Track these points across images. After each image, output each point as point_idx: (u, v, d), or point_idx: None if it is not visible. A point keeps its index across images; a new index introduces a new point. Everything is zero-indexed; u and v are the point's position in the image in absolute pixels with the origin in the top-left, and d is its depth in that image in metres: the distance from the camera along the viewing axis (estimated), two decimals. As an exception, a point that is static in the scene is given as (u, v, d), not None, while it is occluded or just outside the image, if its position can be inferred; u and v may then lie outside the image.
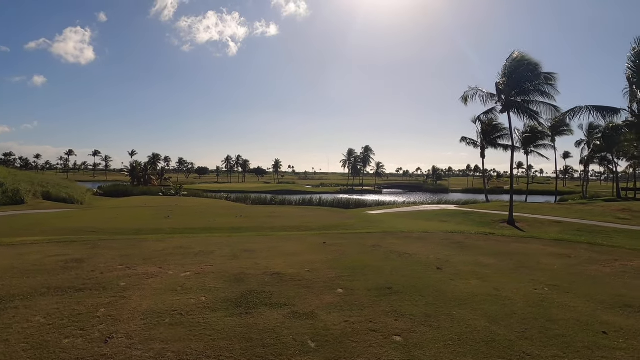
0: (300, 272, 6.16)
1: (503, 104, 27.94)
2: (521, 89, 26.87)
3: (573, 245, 9.95)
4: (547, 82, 26.27)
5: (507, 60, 27.31)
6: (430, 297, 5.04)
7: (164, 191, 62.39)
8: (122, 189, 65.15)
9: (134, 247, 8.16)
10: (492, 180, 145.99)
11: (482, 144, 51.46)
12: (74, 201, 38.16)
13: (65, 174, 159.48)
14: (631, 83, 16.25)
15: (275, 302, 4.67)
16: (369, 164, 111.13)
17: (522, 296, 5.24)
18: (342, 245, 8.88)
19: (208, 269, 6.21)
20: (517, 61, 26.80)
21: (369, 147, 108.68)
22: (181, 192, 62.84)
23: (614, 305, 5.00)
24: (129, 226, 16.33)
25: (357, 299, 4.87)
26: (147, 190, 64.92)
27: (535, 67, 26.47)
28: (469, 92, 28.87)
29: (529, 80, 26.50)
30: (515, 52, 27.26)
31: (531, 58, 26.64)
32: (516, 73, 26.70)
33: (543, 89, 26.35)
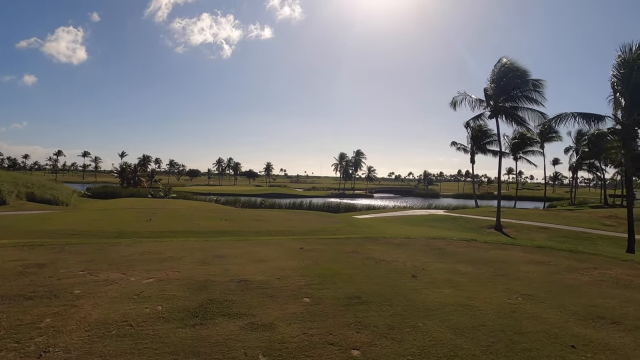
0: (269, 280, 5.95)
1: (491, 110, 28.06)
2: (509, 95, 27.00)
3: (554, 253, 9.85)
4: (535, 89, 26.44)
5: (496, 66, 27.43)
6: (398, 307, 4.86)
7: (152, 193, 61.88)
8: (111, 191, 64.32)
9: (103, 251, 7.88)
10: (482, 185, 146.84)
11: (472, 149, 51.71)
12: (59, 202, 37.47)
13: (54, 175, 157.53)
14: (615, 90, 16.28)
15: (235, 311, 4.46)
16: (360, 168, 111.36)
17: (494, 306, 5.08)
18: (319, 251, 8.68)
19: (173, 276, 5.97)
20: (506, 67, 26.93)
21: (361, 152, 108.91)
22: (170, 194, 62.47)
23: (587, 316, 4.86)
24: (110, 229, 15.98)
25: (322, 309, 4.68)
26: (135, 192, 64.21)
27: (524, 73, 26.62)
28: (457, 98, 28.96)
29: (517, 87, 26.64)
30: (504, 59, 27.39)
31: (520, 64, 26.80)
32: (504, 79, 26.84)
33: (531, 96, 26.50)
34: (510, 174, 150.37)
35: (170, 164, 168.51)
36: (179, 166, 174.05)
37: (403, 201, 79.38)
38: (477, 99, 28.37)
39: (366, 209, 50.93)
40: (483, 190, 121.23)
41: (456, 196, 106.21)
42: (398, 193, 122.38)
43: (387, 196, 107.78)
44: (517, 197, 62.61)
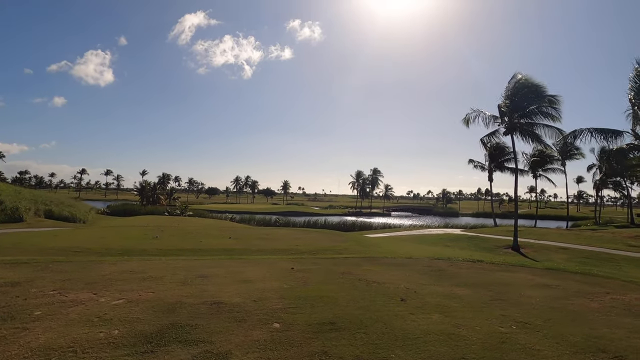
0: (245, 302, 5.63)
1: (506, 127, 27.39)
2: (524, 112, 26.33)
3: (564, 275, 9.23)
4: (550, 105, 25.71)
5: (510, 82, 26.88)
6: (374, 335, 4.46)
7: (169, 211, 62.45)
8: (130, 208, 65.29)
9: (85, 269, 7.71)
10: (503, 204, 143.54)
11: (489, 167, 50.66)
12: (76, 220, 38.09)
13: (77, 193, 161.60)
14: (633, 104, 15.61)
15: (194, 338, 4.14)
16: (377, 186, 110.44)
17: (483, 336, 4.62)
18: (310, 272, 8.31)
19: (146, 297, 5.71)
20: (521, 83, 26.35)
21: (378, 170, 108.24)
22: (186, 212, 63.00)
23: (586, 349, 4.36)
24: (115, 246, 15.96)
25: (289, 336, 4.32)
26: (153, 210, 64.94)
27: (539, 89, 25.97)
28: (471, 115, 28.44)
29: (533, 103, 25.97)
30: (519, 74, 26.85)
31: (535, 80, 26.19)
32: (519, 95, 26.22)
33: (547, 111, 25.77)
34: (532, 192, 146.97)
35: (190, 182, 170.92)
36: (198, 184, 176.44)
37: (420, 220, 77.94)
38: (491, 116, 27.77)
39: (381, 228, 50.13)
40: (504, 209, 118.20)
41: (475, 215, 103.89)
42: (416, 211, 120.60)
43: (405, 215, 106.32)
44: (537, 216, 60.73)
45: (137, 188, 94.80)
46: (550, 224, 62.95)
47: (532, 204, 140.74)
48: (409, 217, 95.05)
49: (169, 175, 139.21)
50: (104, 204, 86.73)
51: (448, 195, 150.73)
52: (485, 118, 27.96)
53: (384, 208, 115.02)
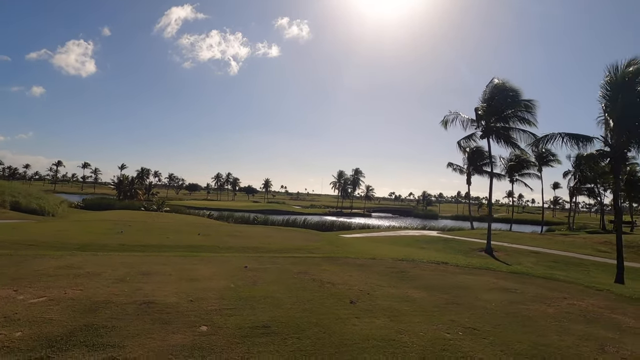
0: (179, 302, 5.23)
1: (483, 130, 27.51)
2: (501, 116, 26.47)
3: (527, 279, 9.09)
4: (526, 110, 25.89)
5: (488, 86, 27.01)
6: (308, 340, 4.13)
7: (145, 206, 61.02)
8: (105, 203, 63.86)
9: (20, 264, 7.18)
10: (482, 207, 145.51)
11: (468, 170, 51.08)
12: (44, 213, 36.82)
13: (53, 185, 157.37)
14: (604, 111, 15.69)
15: (104, 342, 3.74)
16: (358, 186, 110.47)
17: (425, 342, 4.34)
18: (264, 271, 7.94)
19: (72, 294, 5.26)
20: (497, 87, 26.51)
21: (359, 170, 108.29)
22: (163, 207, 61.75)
23: (531, 357, 4.12)
24: (74, 241, 15.25)
25: (213, 341, 3.95)
26: (129, 205, 63.44)
27: (516, 93, 26.15)
28: (449, 117, 28.46)
29: (509, 107, 26.14)
30: (496, 79, 27.02)
31: (512, 84, 26.36)
32: (496, 99, 26.36)
33: (523, 116, 25.96)
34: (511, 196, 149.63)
35: (170, 178, 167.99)
36: (179, 180, 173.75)
37: (400, 221, 78.24)
38: (469, 119, 27.84)
39: (360, 228, 50.04)
40: (482, 213, 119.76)
41: (455, 218, 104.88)
42: (396, 213, 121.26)
43: (385, 216, 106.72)
44: (513, 220, 61.63)
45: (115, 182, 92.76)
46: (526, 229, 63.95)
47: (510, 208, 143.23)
48: (388, 218, 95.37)
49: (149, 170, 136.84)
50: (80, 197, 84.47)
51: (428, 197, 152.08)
52: (463, 121, 28.02)
53: (365, 209, 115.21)
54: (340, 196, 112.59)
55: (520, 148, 27.01)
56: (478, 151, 46.78)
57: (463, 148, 30.72)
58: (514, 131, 26.31)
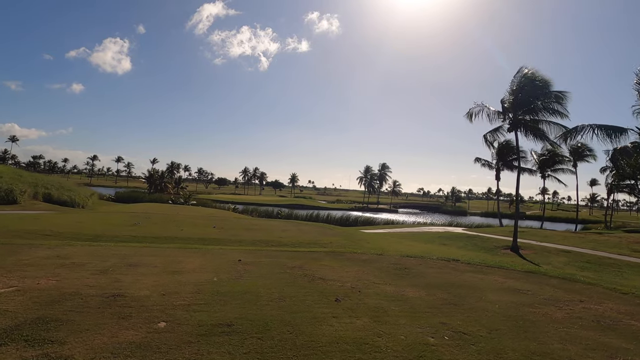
0: (150, 295, 4.99)
1: (510, 123, 26.28)
2: (529, 107, 25.17)
3: (542, 280, 8.40)
4: (557, 101, 24.49)
5: (515, 76, 25.66)
6: (269, 341, 3.77)
7: (173, 199, 62.39)
8: (135, 196, 65.44)
9: (14, 253, 7.17)
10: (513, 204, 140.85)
11: (497, 165, 49.27)
12: (74, 204, 38.03)
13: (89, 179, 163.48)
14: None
15: (45, 337, 3.51)
16: (385, 182, 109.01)
17: (402, 347, 3.90)
18: (256, 265, 7.64)
19: (44, 285, 5.11)
20: (527, 78, 25.16)
21: (386, 165, 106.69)
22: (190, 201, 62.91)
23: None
24: (89, 231, 15.50)
25: (166, 339, 3.65)
26: (157, 198, 64.92)
27: (546, 84, 24.77)
28: (474, 109, 27.34)
29: (539, 98, 24.80)
30: (525, 69, 25.63)
31: (542, 75, 24.97)
32: (524, 90, 25.05)
33: (553, 108, 24.58)
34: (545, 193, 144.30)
35: (199, 172, 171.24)
36: (208, 174, 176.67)
37: (426, 217, 76.77)
38: (495, 111, 26.65)
39: (384, 224, 49.30)
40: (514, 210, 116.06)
41: (484, 214, 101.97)
42: (424, 209, 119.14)
43: (412, 212, 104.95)
44: (546, 217, 59.21)
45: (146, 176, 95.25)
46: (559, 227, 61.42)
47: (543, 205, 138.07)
48: (415, 214, 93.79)
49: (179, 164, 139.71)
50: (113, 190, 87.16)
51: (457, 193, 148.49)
52: (489, 113, 26.85)
53: (391, 204, 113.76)
54: (366, 191, 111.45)
55: (550, 142, 25.62)
56: (507, 145, 45.04)
57: (489, 142, 29.36)
58: (544, 124, 24.98)
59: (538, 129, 24.73)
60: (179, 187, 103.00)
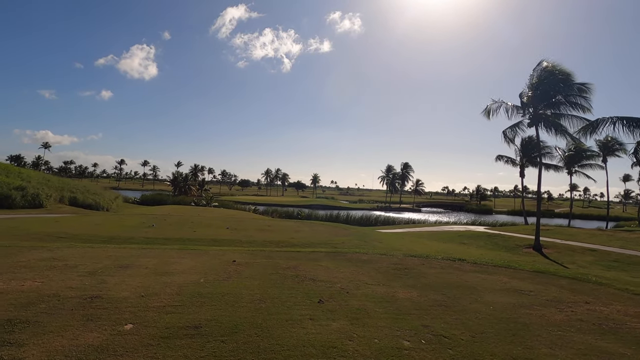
0: (129, 297, 4.97)
1: (530, 118, 25.44)
2: (550, 102, 24.28)
3: (550, 280, 8.00)
4: (580, 94, 23.52)
5: (535, 70, 24.84)
6: (231, 344, 3.67)
7: (195, 201, 63.49)
8: (159, 198, 66.75)
9: (8, 255, 7.33)
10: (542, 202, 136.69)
11: (521, 162, 47.84)
12: (99, 207, 39.19)
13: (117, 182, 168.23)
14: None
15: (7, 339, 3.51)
16: (407, 181, 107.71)
17: (372, 351, 3.73)
18: (249, 266, 7.56)
19: (27, 287, 5.17)
20: (547, 71, 24.29)
21: (408, 164, 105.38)
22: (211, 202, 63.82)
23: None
24: (104, 233, 15.84)
25: (126, 342, 3.60)
26: (180, 200, 66.14)
27: (568, 77, 23.83)
28: (492, 106, 26.62)
29: (560, 92, 23.89)
30: (545, 62, 24.77)
31: (563, 67, 24.05)
32: (545, 84, 24.18)
33: (576, 102, 23.63)
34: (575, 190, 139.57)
35: (223, 174, 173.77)
36: (231, 176, 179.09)
37: (449, 216, 75.41)
38: (514, 106, 25.87)
39: (405, 223, 48.71)
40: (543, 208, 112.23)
41: (510, 213, 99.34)
42: (448, 208, 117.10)
43: (435, 211, 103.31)
44: (577, 215, 57.17)
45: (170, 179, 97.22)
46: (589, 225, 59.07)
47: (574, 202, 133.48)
48: (438, 213, 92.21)
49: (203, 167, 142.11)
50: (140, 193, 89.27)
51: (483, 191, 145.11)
52: (507, 109, 26.10)
53: (414, 203, 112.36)
54: (388, 191, 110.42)
55: (572, 137, 24.66)
56: (531, 141, 43.66)
57: (509, 138, 28.49)
58: (566, 118, 24.05)
59: (559, 124, 23.83)
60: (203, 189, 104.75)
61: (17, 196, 29.12)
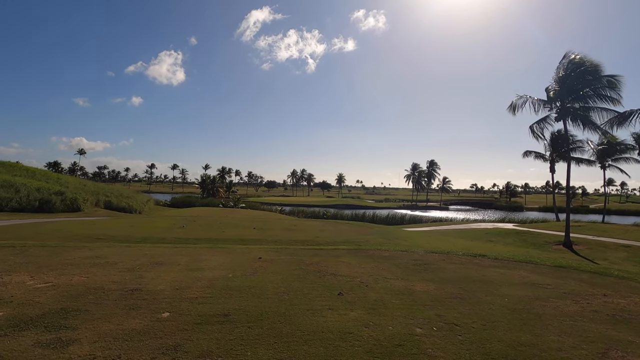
0: (165, 290, 5.46)
1: (558, 112, 24.94)
2: (578, 95, 23.74)
3: (570, 274, 8.07)
4: (609, 86, 22.89)
5: (561, 62, 24.37)
6: (257, 330, 4.06)
7: (223, 203, 64.92)
8: (188, 201, 68.51)
9: (55, 254, 8.00)
10: (575, 198, 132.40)
11: (551, 157, 46.65)
12: (132, 210, 40.74)
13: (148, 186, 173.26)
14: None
15: (62, 324, 4.02)
16: (434, 179, 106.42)
17: (385, 337, 4.05)
18: (275, 262, 7.98)
19: (76, 281, 5.74)
20: (574, 63, 23.81)
21: (434, 162, 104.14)
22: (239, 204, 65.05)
23: (498, 358, 3.65)
24: (138, 234, 16.68)
25: (164, 327, 4.05)
26: (209, 202, 67.78)
27: (596, 69, 23.28)
28: (518, 101, 26.23)
29: (588, 85, 23.34)
30: (572, 54, 24.23)
31: (591, 59, 23.52)
32: (572, 76, 23.70)
33: (605, 94, 23.01)
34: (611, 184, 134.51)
35: (249, 176, 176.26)
36: (258, 178, 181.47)
37: (478, 214, 74.04)
38: (540, 100, 25.42)
39: (431, 222, 48.30)
40: (576, 204, 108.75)
41: (542, 209, 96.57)
42: (476, 205, 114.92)
43: (463, 208, 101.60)
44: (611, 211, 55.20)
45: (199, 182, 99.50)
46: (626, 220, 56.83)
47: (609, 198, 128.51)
48: (466, 211, 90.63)
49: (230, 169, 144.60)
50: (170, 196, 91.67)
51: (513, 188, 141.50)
52: (533, 104, 25.65)
53: (441, 202, 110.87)
54: (414, 189, 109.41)
55: (602, 130, 24.02)
56: (561, 135, 42.50)
57: (537, 133, 27.95)
58: (595, 111, 23.45)
59: (588, 117, 23.28)
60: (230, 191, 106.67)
61: (57, 201, 30.74)
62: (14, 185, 30.26)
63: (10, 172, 37.51)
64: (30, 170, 41.90)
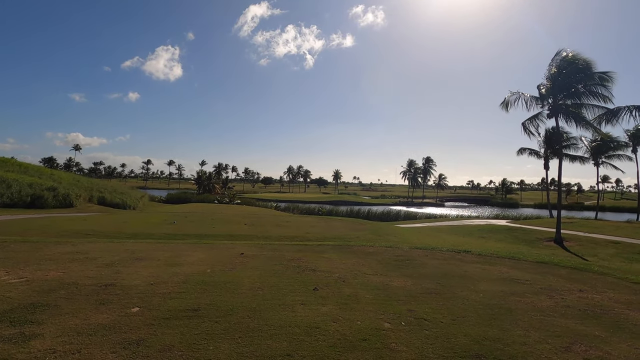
0: (138, 285, 5.47)
1: (550, 109, 25.00)
2: (570, 92, 23.79)
3: (550, 270, 8.13)
4: (601, 83, 22.93)
5: (554, 59, 24.38)
6: (224, 324, 4.07)
7: (219, 199, 64.76)
8: (184, 197, 68.22)
9: (36, 250, 8.00)
10: (570, 195, 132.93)
11: (545, 154, 46.77)
12: (126, 206, 40.60)
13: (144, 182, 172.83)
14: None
15: (29, 319, 4.03)
16: (430, 175, 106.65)
17: (351, 331, 4.07)
18: (256, 258, 7.99)
19: (51, 276, 5.73)
20: (567, 60, 23.82)
21: (430, 159, 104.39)
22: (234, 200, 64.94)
23: (460, 353, 3.68)
24: (128, 230, 16.65)
25: (131, 322, 4.06)
26: (204, 198, 67.49)
27: (588, 66, 23.31)
28: (510, 98, 26.27)
29: (580, 82, 23.38)
30: (564, 51, 24.25)
31: (583, 56, 23.53)
32: (564, 74, 23.74)
33: (596, 91, 23.06)
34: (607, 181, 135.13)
35: (246, 172, 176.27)
36: (254, 174, 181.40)
37: (473, 210, 74.27)
38: (532, 97, 25.47)
39: (426, 218, 48.41)
40: (571, 200, 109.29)
41: (538, 206, 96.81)
42: (472, 202, 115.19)
43: (459, 205, 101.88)
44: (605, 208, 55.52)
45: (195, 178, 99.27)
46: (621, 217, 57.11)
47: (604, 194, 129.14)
48: (462, 207, 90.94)
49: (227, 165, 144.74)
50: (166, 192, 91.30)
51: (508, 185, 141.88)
52: (526, 100, 25.70)
53: (437, 198, 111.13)
54: (410, 186, 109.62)
55: (594, 127, 24.11)
56: (555, 132, 42.63)
57: (529, 130, 28.00)
58: (587, 108, 23.52)
59: (579, 114, 23.35)
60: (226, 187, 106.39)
61: (49, 196, 30.60)
62: (6, 181, 30.09)
63: (3, 167, 37.30)
64: (24, 165, 41.69)
